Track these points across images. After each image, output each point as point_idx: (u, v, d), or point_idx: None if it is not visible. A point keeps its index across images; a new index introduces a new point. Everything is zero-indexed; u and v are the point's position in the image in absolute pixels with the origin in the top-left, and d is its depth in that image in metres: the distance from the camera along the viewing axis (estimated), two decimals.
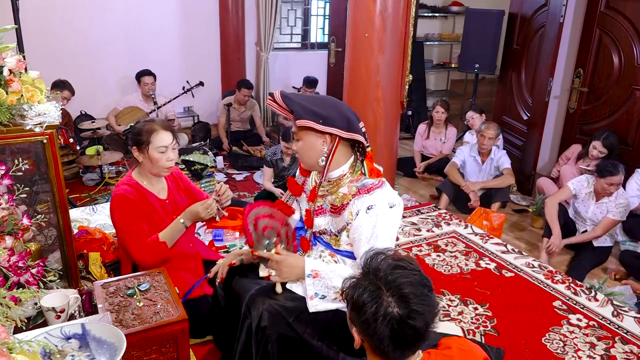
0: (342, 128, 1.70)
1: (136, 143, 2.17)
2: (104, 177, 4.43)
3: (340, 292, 1.35)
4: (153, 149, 2.14)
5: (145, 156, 2.16)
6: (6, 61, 1.60)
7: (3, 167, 1.54)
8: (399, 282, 1.19)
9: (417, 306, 1.16)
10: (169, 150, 2.17)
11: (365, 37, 3.38)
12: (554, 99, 4.64)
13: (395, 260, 1.25)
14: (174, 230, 2.20)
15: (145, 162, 2.18)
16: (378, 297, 1.18)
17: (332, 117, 1.70)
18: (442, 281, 3.03)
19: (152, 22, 5.82)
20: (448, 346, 1.35)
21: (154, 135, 2.14)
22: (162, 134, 2.16)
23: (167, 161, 2.18)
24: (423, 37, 7.15)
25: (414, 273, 1.22)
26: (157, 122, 2.21)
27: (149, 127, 2.16)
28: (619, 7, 4.04)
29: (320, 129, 1.69)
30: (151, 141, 2.14)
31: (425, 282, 1.22)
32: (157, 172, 2.22)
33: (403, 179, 5.00)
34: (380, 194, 1.71)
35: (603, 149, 3.84)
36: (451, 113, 5.30)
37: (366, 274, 1.24)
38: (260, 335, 1.71)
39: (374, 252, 1.30)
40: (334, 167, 1.77)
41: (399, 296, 1.17)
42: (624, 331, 2.61)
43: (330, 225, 1.83)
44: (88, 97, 5.39)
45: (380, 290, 1.19)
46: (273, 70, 6.58)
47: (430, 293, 1.21)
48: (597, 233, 3.39)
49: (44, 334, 1.26)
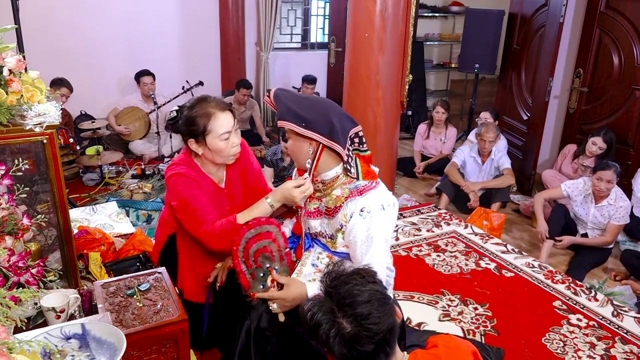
0: (323, 134, 1.64)
1: (191, 134, 1.85)
2: (104, 177, 4.43)
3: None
4: (214, 138, 1.83)
5: (206, 147, 1.85)
6: (6, 61, 1.60)
7: (3, 167, 1.54)
8: (350, 301, 1.19)
9: (369, 325, 1.17)
10: (232, 135, 1.86)
11: (365, 37, 3.38)
12: (554, 99, 4.64)
13: (349, 276, 1.25)
14: (258, 213, 1.84)
15: (206, 153, 1.88)
16: (331, 319, 1.19)
17: (315, 122, 1.64)
18: (442, 281, 3.03)
19: (152, 22, 5.82)
20: (435, 344, 1.35)
21: (212, 121, 1.82)
22: (222, 118, 1.83)
23: (233, 147, 1.88)
24: (423, 37, 7.15)
25: (367, 289, 1.22)
26: (212, 103, 1.85)
27: (204, 112, 1.82)
28: (619, 7, 4.04)
29: (300, 132, 1.65)
30: (210, 130, 1.82)
31: (378, 295, 1.22)
32: (222, 161, 1.91)
33: (403, 179, 5.00)
34: (373, 196, 1.69)
35: (603, 144, 3.85)
36: (451, 113, 5.30)
37: (324, 293, 1.25)
38: (260, 336, 1.71)
39: (330, 270, 1.30)
40: (326, 169, 1.74)
41: (351, 316, 1.18)
42: (624, 331, 2.61)
43: (325, 228, 1.82)
44: (88, 97, 5.39)
45: (333, 312, 1.20)
46: (273, 70, 6.58)
47: (383, 307, 1.21)
48: (608, 239, 3.40)
49: (44, 334, 1.26)
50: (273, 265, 1.76)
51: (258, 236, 1.75)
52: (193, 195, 1.85)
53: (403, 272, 2.98)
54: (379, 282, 1.28)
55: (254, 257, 1.74)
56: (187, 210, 1.86)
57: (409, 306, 2.74)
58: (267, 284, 1.72)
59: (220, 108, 1.85)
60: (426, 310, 2.74)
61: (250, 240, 1.74)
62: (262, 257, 1.75)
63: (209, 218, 1.84)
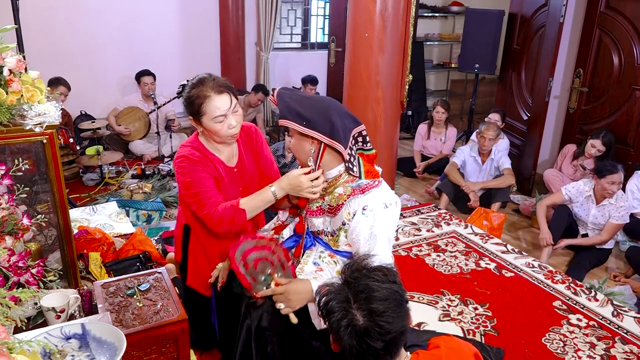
0: (324, 133, 1.65)
1: (190, 113, 1.89)
2: (104, 177, 4.43)
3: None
4: (209, 120, 1.84)
5: (203, 127, 1.88)
6: (6, 61, 1.60)
7: (3, 167, 1.54)
8: (367, 295, 1.19)
9: (382, 322, 1.17)
10: (229, 116, 1.85)
11: (365, 37, 3.38)
12: (554, 99, 4.64)
13: (370, 271, 1.25)
14: (259, 200, 1.82)
15: (205, 132, 1.91)
16: (346, 308, 1.19)
17: (316, 121, 1.65)
18: (442, 281, 3.03)
19: (152, 22, 5.82)
20: (437, 346, 1.36)
21: (206, 103, 1.83)
22: (216, 100, 1.82)
23: (230, 129, 1.86)
24: (423, 37, 7.15)
25: (385, 287, 1.22)
26: (209, 84, 1.85)
27: (199, 92, 1.84)
28: (619, 7, 4.04)
29: (302, 130, 1.66)
30: (204, 111, 1.83)
31: (396, 296, 1.22)
32: (220, 141, 1.93)
33: (403, 179, 5.00)
34: (376, 194, 1.70)
35: (602, 146, 3.85)
36: (451, 113, 5.30)
37: (342, 282, 1.25)
38: (260, 336, 1.71)
39: (353, 261, 1.31)
40: (329, 168, 1.76)
41: (366, 310, 1.18)
42: (624, 331, 2.61)
43: (327, 226, 1.82)
44: (88, 97, 5.39)
45: (349, 301, 1.20)
46: (273, 70, 6.58)
47: (399, 308, 1.21)
48: (604, 238, 3.39)
49: (44, 334, 1.26)
50: (275, 272, 1.75)
51: (256, 247, 1.75)
52: (196, 178, 1.86)
53: (403, 272, 2.98)
54: (399, 283, 1.27)
55: (253, 263, 1.73)
56: (190, 193, 1.88)
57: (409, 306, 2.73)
58: (271, 286, 1.71)
59: (216, 90, 1.84)
60: (426, 310, 2.74)
61: (247, 250, 1.74)
62: (262, 264, 1.75)
63: (212, 201, 1.85)
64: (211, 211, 1.84)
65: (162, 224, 3.63)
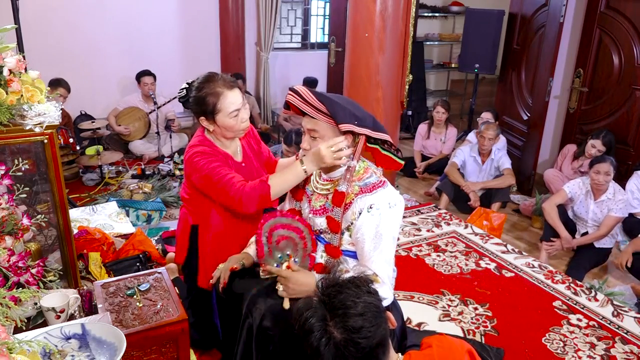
0: (371, 128, 1.68)
1: (202, 113, 1.91)
2: (104, 177, 4.43)
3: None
4: (224, 116, 1.88)
5: (216, 124, 1.92)
6: (6, 61, 1.60)
7: (3, 167, 1.54)
8: (343, 312, 1.19)
9: (360, 339, 1.17)
10: (241, 111, 1.91)
11: (365, 37, 3.38)
12: (554, 99, 4.64)
13: (343, 286, 1.24)
14: (289, 176, 1.81)
15: (217, 130, 1.94)
16: (324, 328, 1.19)
17: (364, 118, 1.68)
18: (442, 281, 3.03)
19: (152, 22, 5.82)
20: (429, 345, 1.36)
21: (221, 100, 1.87)
22: (230, 96, 1.88)
23: (242, 123, 1.93)
24: (423, 37, 7.14)
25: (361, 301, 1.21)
26: (220, 82, 1.90)
27: (212, 91, 1.88)
28: (619, 7, 4.04)
29: (358, 131, 1.67)
30: (220, 108, 1.88)
31: (372, 308, 1.21)
32: (232, 136, 1.99)
33: (403, 179, 5.00)
34: (382, 194, 1.70)
35: (602, 146, 3.85)
36: (451, 113, 5.29)
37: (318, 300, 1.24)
38: (262, 335, 1.70)
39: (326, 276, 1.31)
40: (337, 167, 1.76)
41: (342, 328, 1.18)
42: (624, 331, 2.61)
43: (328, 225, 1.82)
44: (88, 97, 5.39)
45: (326, 319, 1.19)
46: (273, 70, 6.58)
47: (376, 319, 1.20)
48: (602, 232, 3.38)
49: (44, 334, 1.26)
50: (294, 256, 1.76)
51: (288, 226, 1.77)
52: (214, 167, 1.88)
53: (403, 272, 2.98)
54: (374, 292, 1.27)
55: (277, 238, 1.75)
56: (211, 183, 1.88)
57: (409, 306, 2.74)
58: (283, 267, 1.71)
59: (228, 86, 1.89)
60: (426, 310, 2.74)
61: (279, 225, 1.76)
62: (285, 242, 1.76)
63: (236, 181, 1.85)
64: (240, 190, 1.82)
65: (162, 224, 3.63)
